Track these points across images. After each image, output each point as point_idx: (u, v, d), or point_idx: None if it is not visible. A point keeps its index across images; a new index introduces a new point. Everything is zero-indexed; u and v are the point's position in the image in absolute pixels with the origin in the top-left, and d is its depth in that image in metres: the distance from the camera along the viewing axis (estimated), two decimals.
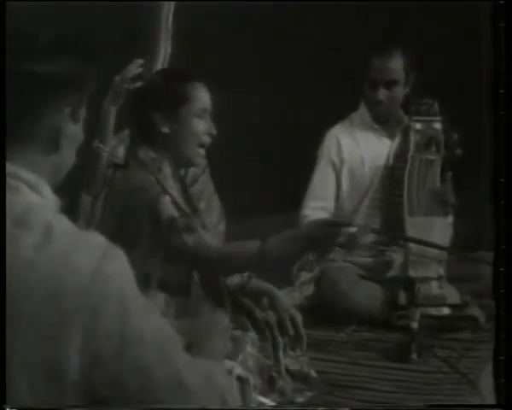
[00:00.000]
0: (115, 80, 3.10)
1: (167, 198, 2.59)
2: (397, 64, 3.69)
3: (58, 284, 1.28)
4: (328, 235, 2.58)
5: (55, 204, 1.40)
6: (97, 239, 1.35)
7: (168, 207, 2.59)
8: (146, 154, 2.67)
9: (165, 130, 2.66)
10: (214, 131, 2.72)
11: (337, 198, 3.84)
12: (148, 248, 2.58)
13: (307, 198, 3.80)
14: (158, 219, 2.57)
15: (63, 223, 1.35)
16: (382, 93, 3.71)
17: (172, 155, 2.70)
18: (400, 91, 3.74)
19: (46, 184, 1.39)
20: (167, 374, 1.35)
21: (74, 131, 1.43)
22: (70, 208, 3.12)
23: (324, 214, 3.75)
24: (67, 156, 1.44)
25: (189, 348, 1.59)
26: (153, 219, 2.57)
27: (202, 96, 2.71)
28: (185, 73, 2.75)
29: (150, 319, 1.35)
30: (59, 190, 1.43)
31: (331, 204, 3.82)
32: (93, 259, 1.30)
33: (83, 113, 1.45)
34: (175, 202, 2.61)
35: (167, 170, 2.67)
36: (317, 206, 3.78)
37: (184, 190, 2.83)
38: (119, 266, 1.33)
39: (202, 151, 2.74)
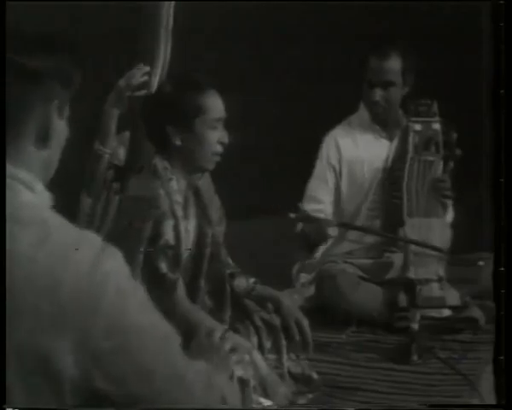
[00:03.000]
0: (118, 84, 3.09)
1: (171, 222, 2.60)
2: (394, 65, 3.69)
3: (56, 280, 1.28)
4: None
5: (49, 201, 1.41)
6: (93, 237, 1.37)
7: (168, 233, 2.60)
8: (160, 162, 2.68)
9: (178, 142, 2.67)
10: (226, 140, 2.73)
11: (337, 201, 3.84)
12: (136, 258, 2.59)
13: (304, 201, 3.78)
14: (156, 239, 2.58)
15: (58, 220, 1.37)
16: (378, 94, 3.70)
17: (184, 165, 2.71)
18: (397, 92, 3.73)
19: (39, 182, 1.40)
20: (167, 369, 1.35)
21: (61, 127, 1.43)
22: (70, 210, 3.13)
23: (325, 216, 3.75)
24: (56, 152, 1.44)
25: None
26: (151, 236, 2.58)
27: (216, 106, 2.71)
28: (199, 82, 2.74)
29: (149, 314, 1.36)
30: (58, 190, 1.43)
31: (328, 207, 3.80)
32: (90, 255, 1.31)
33: (67, 109, 1.44)
34: (176, 229, 2.62)
35: (176, 183, 2.67)
36: (314, 209, 3.76)
37: (199, 199, 2.84)
38: (116, 263, 1.34)
39: (215, 157, 2.75)
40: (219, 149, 2.73)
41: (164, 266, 2.59)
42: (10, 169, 1.36)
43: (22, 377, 1.28)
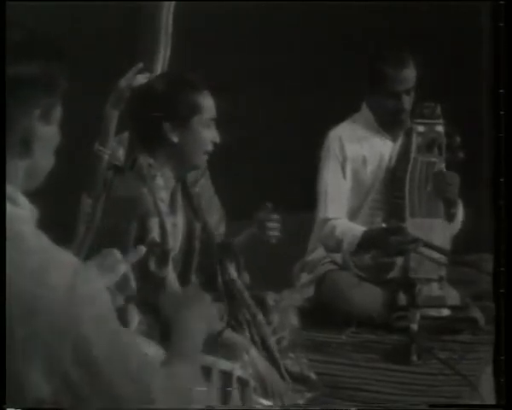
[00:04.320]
0: (119, 85, 3.09)
1: (156, 220, 2.59)
2: (412, 71, 3.66)
3: (31, 303, 1.26)
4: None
5: (32, 215, 1.37)
6: (71, 258, 1.33)
7: (154, 230, 2.59)
8: (145, 160, 2.68)
9: (175, 139, 2.68)
10: (218, 140, 2.74)
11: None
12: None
13: (328, 200, 3.74)
14: (142, 238, 2.57)
15: (38, 237, 1.33)
16: (407, 101, 3.66)
17: (176, 162, 2.71)
18: (413, 96, 3.71)
19: (22, 195, 1.36)
20: (139, 395, 1.34)
21: (48, 133, 1.38)
22: (70, 211, 3.13)
23: (343, 216, 3.72)
24: (42, 159, 1.40)
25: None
26: (138, 235, 2.58)
27: (210, 106, 2.73)
28: (197, 81, 2.76)
29: (124, 341, 1.34)
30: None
31: (346, 205, 3.79)
32: (67, 278, 1.28)
33: (57, 114, 1.40)
34: (162, 226, 2.61)
35: (161, 180, 2.67)
36: (338, 207, 3.74)
37: (186, 192, 2.83)
38: (93, 287, 1.31)
39: (205, 157, 2.77)
40: (210, 148, 2.74)
41: (152, 264, 2.59)
42: None
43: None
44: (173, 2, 3.07)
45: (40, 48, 1.36)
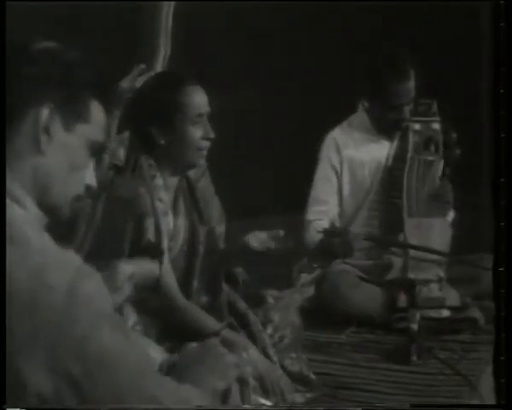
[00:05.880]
0: (120, 85, 3.08)
1: (152, 220, 2.58)
2: (412, 82, 3.66)
3: (32, 301, 1.27)
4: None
5: (38, 219, 1.38)
6: (73, 258, 1.34)
7: (150, 231, 2.57)
8: (145, 160, 2.66)
9: (162, 142, 2.63)
10: (212, 135, 2.66)
11: (339, 201, 3.83)
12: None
13: (310, 202, 3.78)
14: (139, 240, 2.56)
15: (42, 239, 1.34)
16: (407, 111, 3.67)
17: (171, 163, 2.68)
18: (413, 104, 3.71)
19: (31, 199, 1.37)
20: (141, 394, 1.34)
21: (65, 139, 1.40)
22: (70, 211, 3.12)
23: (327, 218, 3.72)
24: (53, 161, 1.41)
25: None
26: (135, 237, 2.56)
27: (197, 101, 2.64)
28: (176, 78, 2.71)
29: (124, 340, 1.34)
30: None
31: (334, 207, 3.80)
32: (67, 277, 1.29)
33: (83, 130, 1.43)
34: (157, 226, 2.60)
35: (160, 180, 2.65)
36: (320, 210, 3.76)
37: (190, 194, 2.81)
38: (94, 286, 1.32)
39: (202, 153, 2.70)
40: (205, 144, 2.66)
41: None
42: (7, 183, 1.35)
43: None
44: (173, 2, 3.08)
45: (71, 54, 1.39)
